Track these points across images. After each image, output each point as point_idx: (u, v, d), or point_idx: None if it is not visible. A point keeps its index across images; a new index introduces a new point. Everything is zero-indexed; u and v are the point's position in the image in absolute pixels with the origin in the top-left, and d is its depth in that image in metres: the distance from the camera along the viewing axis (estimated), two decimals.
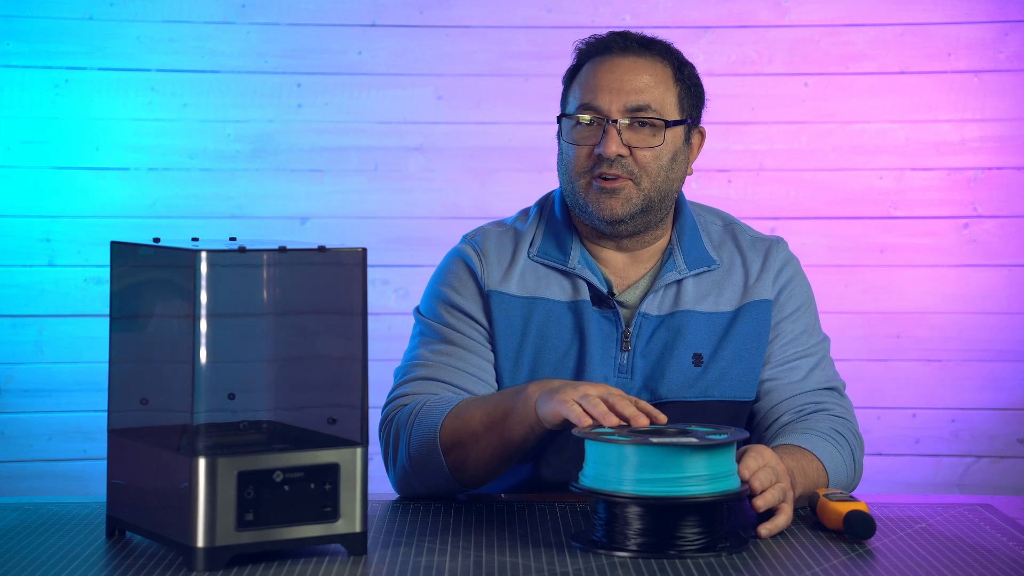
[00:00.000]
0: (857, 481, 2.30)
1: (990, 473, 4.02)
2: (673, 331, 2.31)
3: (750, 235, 2.41)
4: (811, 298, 2.41)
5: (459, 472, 2.18)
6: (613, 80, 2.28)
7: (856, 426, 2.33)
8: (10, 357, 3.97)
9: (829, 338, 2.41)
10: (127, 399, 1.96)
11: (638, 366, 2.30)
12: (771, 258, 2.37)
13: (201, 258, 1.79)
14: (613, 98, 2.27)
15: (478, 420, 2.14)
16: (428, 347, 2.32)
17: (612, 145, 2.25)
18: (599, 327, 2.31)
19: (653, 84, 2.29)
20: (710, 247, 2.37)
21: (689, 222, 2.38)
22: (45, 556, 1.88)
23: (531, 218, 2.39)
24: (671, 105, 2.30)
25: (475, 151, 4.02)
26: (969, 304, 4.02)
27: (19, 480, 3.97)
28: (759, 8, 4.00)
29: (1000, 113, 3.99)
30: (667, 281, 2.33)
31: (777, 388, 2.33)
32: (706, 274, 2.35)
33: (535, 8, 4.00)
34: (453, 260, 2.37)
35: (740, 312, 2.33)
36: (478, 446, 2.14)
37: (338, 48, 4.00)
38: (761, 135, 4.02)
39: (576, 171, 2.29)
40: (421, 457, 2.18)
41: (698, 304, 2.32)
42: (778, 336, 2.35)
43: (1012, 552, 1.93)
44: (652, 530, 1.88)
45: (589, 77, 2.30)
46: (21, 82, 3.94)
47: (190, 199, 3.99)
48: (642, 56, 2.30)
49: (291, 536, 1.84)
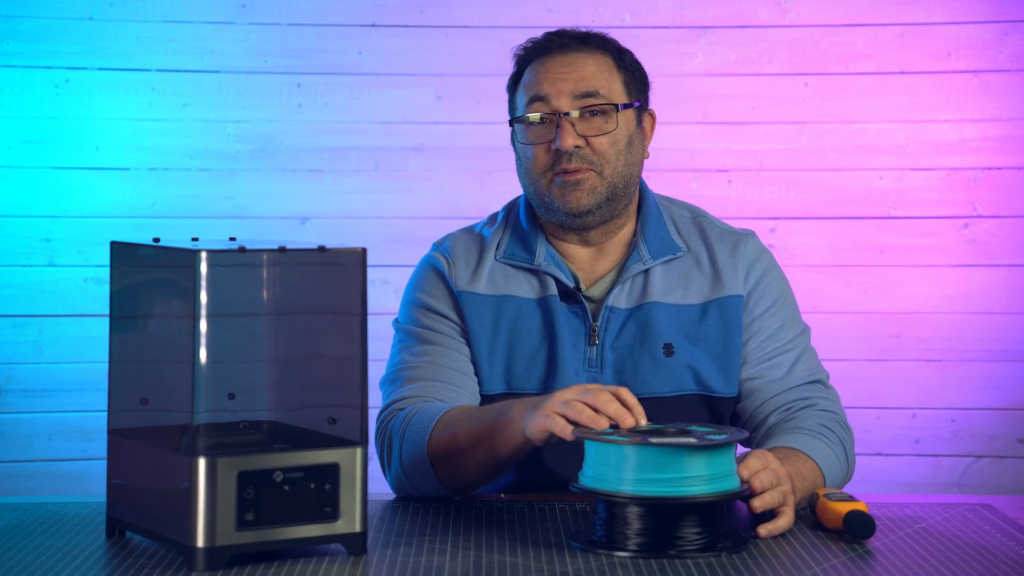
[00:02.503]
0: (851, 473, 2.30)
1: (990, 473, 4.02)
2: (642, 324, 2.31)
3: (719, 227, 2.41)
4: (787, 290, 2.40)
5: (450, 482, 2.19)
6: (558, 73, 2.31)
7: (844, 417, 2.33)
8: (10, 357, 3.97)
9: (809, 328, 2.41)
10: (127, 399, 1.96)
11: (608, 359, 2.31)
12: (740, 252, 2.37)
13: (201, 258, 1.80)
14: (560, 89, 2.29)
15: (465, 437, 2.14)
16: (409, 351, 2.34)
17: (568, 138, 2.27)
18: (568, 322, 2.32)
19: (597, 71, 2.32)
20: (676, 235, 2.38)
21: (653, 212, 2.38)
22: (45, 556, 1.88)
23: (498, 222, 2.42)
24: (618, 90, 2.32)
25: (475, 151, 4.02)
26: (969, 304, 4.02)
27: (19, 480, 3.97)
28: (759, 8, 4.00)
29: (1000, 113, 3.99)
30: (633, 272, 2.33)
31: (761, 387, 2.33)
32: (673, 263, 2.35)
33: (535, 8, 4.01)
34: (424, 267, 2.41)
35: (709, 307, 2.33)
36: (465, 460, 2.15)
37: (338, 48, 4.00)
38: (761, 135, 4.02)
39: (537, 171, 2.31)
40: (413, 468, 2.20)
41: (665, 296, 2.33)
42: (756, 333, 2.34)
43: (1012, 552, 1.93)
44: (652, 530, 1.88)
45: (532, 76, 2.33)
46: (21, 82, 3.94)
47: (190, 199, 3.99)
48: (581, 50, 2.33)
49: (291, 536, 1.84)
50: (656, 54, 3.98)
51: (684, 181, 4.00)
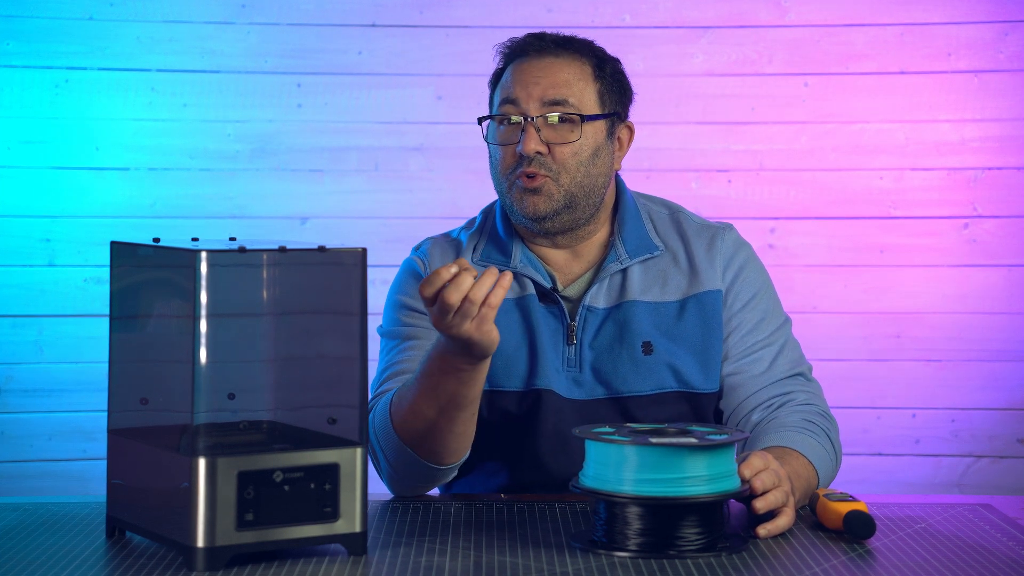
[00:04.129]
0: (839, 461, 2.30)
1: (990, 473, 4.02)
2: (620, 323, 2.32)
3: (696, 222, 2.41)
4: (766, 283, 2.40)
5: (432, 455, 2.18)
6: (531, 77, 2.31)
7: (825, 406, 2.33)
8: (10, 357, 3.97)
9: (790, 319, 2.40)
10: (127, 399, 1.96)
11: (586, 358, 2.31)
12: (717, 246, 2.37)
13: (201, 258, 1.80)
14: (530, 93, 2.29)
15: (417, 399, 2.13)
16: (394, 351, 2.35)
17: (530, 143, 2.28)
18: (547, 322, 2.33)
19: (572, 80, 2.31)
20: (653, 234, 2.38)
21: (630, 211, 2.38)
22: (45, 556, 1.88)
23: (475, 226, 2.43)
24: (590, 100, 2.32)
25: (475, 151, 4.00)
26: (969, 304, 4.02)
27: (19, 480, 3.97)
28: (759, 8, 4.00)
29: (1000, 113, 3.99)
30: (609, 272, 2.34)
31: (742, 383, 2.33)
32: (651, 262, 2.35)
33: (535, 8, 4.01)
34: (403, 272, 2.43)
35: (687, 303, 2.33)
36: (430, 424, 2.13)
37: (338, 48, 4.00)
38: (761, 135, 4.02)
39: (502, 172, 2.32)
40: (396, 460, 2.20)
41: (644, 294, 2.33)
42: (736, 328, 2.34)
43: (1012, 552, 1.93)
44: (652, 530, 1.88)
45: (508, 77, 2.33)
46: (21, 82, 3.94)
47: (190, 199, 3.99)
48: (559, 55, 2.33)
49: (291, 536, 1.84)
50: (656, 54, 3.98)
51: (684, 181, 4.00)
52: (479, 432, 2.25)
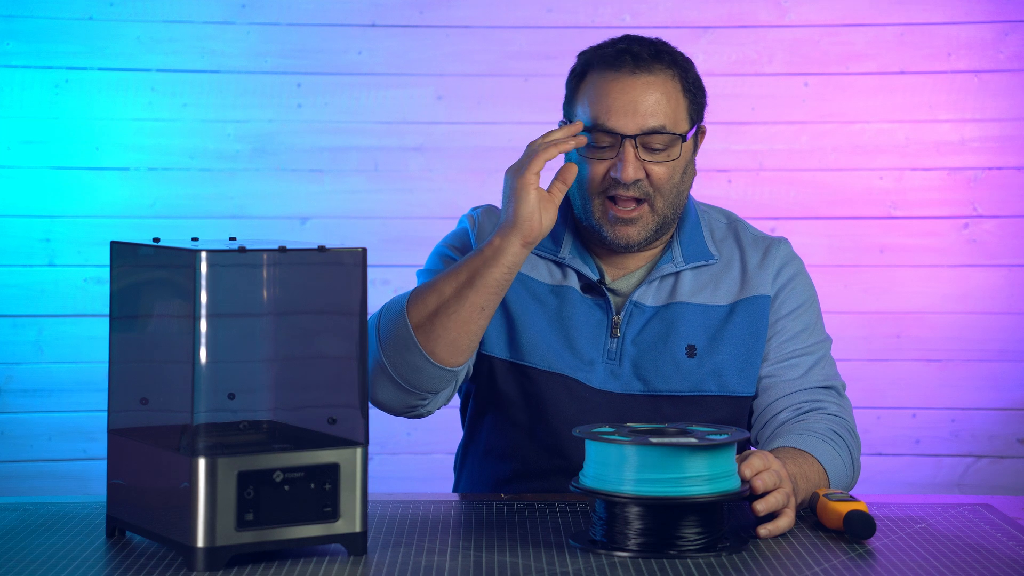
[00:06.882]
0: (855, 481, 2.30)
1: (990, 473, 4.02)
2: (667, 322, 2.32)
3: (752, 233, 2.42)
4: (813, 298, 2.41)
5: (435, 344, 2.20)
6: (627, 102, 2.26)
7: (853, 425, 2.33)
8: (10, 357, 3.97)
9: (831, 339, 2.41)
10: (127, 399, 1.96)
11: (627, 353, 2.31)
12: (771, 255, 2.38)
13: (201, 258, 1.80)
14: (628, 122, 2.25)
15: (446, 284, 2.19)
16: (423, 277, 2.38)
17: (629, 169, 2.25)
18: (590, 313, 2.33)
19: (665, 101, 2.27)
20: (711, 242, 2.38)
21: (692, 217, 2.39)
22: (45, 556, 1.88)
23: None
24: (682, 119, 2.30)
25: (475, 151, 4.02)
26: (969, 304, 4.02)
27: (19, 480, 3.97)
28: (759, 8, 4.00)
29: (1000, 113, 3.99)
30: (663, 273, 2.34)
31: (775, 385, 2.33)
32: (704, 268, 2.36)
33: (535, 8, 4.01)
34: (457, 228, 2.44)
35: (736, 307, 2.34)
36: (450, 310, 2.18)
37: (338, 48, 4.00)
38: (761, 135, 4.02)
39: (591, 189, 2.29)
40: (391, 341, 2.22)
41: (694, 297, 2.33)
42: (777, 333, 2.35)
43: (1012, 552, 1.93)
44: (652, 530, 1.88)
45: (600, 95, 2.27)
46: (21, 82, 3.94)
47: (190, 199, 3.99)
48: (653, 71, 2.28)
49: (291, 536, 1.84)
50: None
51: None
52: (497, 405, 2.29)
